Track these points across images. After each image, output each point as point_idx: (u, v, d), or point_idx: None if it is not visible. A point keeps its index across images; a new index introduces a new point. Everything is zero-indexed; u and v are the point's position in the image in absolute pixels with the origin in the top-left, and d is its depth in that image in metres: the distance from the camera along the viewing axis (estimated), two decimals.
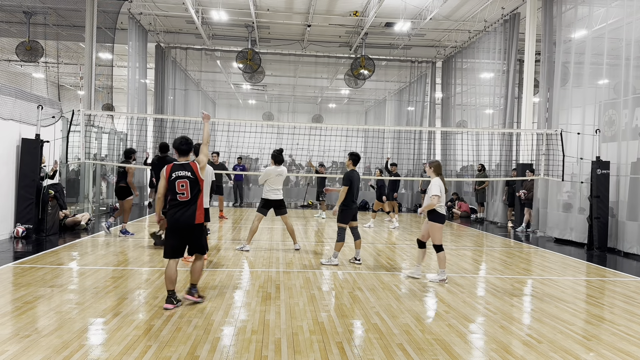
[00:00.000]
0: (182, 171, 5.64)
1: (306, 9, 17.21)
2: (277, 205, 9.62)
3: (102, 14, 15.15)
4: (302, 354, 4.40)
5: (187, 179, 5.62)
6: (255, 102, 31.84)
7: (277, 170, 9.54)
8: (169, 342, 4.56)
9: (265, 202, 9.55)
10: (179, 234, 5.65)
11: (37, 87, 16.05)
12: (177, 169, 5.66)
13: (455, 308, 6.01)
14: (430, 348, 4.64)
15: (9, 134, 10.22)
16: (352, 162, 8.48)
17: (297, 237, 10.15)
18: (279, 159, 9.60)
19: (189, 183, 5.62)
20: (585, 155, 11.98)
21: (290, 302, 6.00)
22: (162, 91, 20.66)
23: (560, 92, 13.03)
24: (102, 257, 8.59)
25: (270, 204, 9.57)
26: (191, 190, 5.62)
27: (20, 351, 4.26)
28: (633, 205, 10.60)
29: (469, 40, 18.62)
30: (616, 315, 5.92)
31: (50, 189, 10.78)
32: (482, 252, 10.70)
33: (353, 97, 30.98)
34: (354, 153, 8.56)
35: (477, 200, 17.40)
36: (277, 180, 9.54)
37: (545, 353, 4.61)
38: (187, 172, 5.64)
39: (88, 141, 11.99)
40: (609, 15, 12.51)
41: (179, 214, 5.61)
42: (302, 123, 21.65)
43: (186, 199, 5.62)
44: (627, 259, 10.09)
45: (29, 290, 6.19)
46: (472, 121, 19.09)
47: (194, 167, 5.68)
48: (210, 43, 20.40)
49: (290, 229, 9.75)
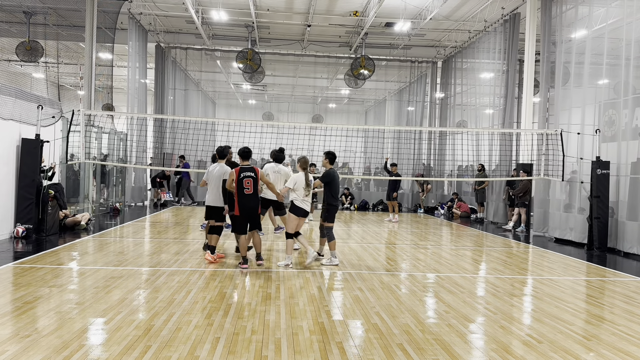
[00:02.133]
0: (247, 172, 7.73)
1: (306, 9, 17.21)
2: (275, 205, 9.59)
3: (102, 14, 15.15)
4: (302, 354, 4.40)
5: (251, 178, 7.72)
6: (255, 102, 31.85)
7: (274, 167, 9.54)
8: (169, 342, 4.56)
9: (262, 201, 9.04)
10: (246, 216, 7.76)
11: (37, 87, 16.04)
12: (244, 170, 7.75)
13: (455, 308, 6.01)
14: (430, 348, 4.64)
15: (9, 134, 10.22)
16: (328, 161, 8.43)
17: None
18: (277, 157, 9.62)
19: (252, 181, 7.72)
20: (585, 155, 11.98)
21: (290, 302, 6.00)
22: (162, 91, 20.67)
23: (560, 92, 13.02)
24: (102, 257, 8.59)
25: (268, 203, 9.50)
26: (254, 187, 7.73)
27: (20, 351, 4.26)
28: (633, 205, 10.60)
29: (469, 40, 18.62)
30: (616, 315, 5.92)
31: (50, 189, 10.77)
32: (482, 252, 10.70)
33: (353, 97, 30.98)
34: (330, 152, 8.53)
35: (477, 200, 17.40)
36: (276, 178, 9.48)
37: (545, 353, 4.61)
38: (251, 173, 7.75)
39: (88, 141, 11.99)
40: (609, 15, 12.51)
41: (246, 202, 7.71)
42: (302, 123, 21.63)
43: (250, 193, 7.72)
44: (627, 259, 10.09)
45: (29, 290, 6.19)
46: (472, 121, 19.10)
47: (256, 170, 7.81)
48: (210, 43, 20.41)
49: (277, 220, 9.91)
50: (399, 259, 9.29)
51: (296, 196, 8.06)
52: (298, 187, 8.04)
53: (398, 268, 8.42)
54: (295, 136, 13.89)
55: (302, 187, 8.03)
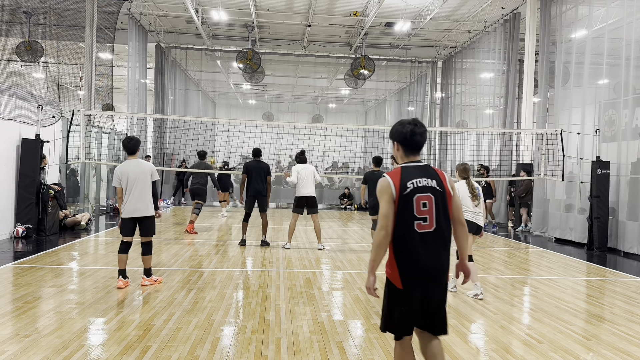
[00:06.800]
0: None
1: (306, 9, 17.21)
2: (309, 203, 9.85)
3: (102, 14, 15.14)
4: (302, 354, 4.40)
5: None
6: (255, 102, 31.83)
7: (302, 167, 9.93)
8: (169, 342, 4.56)
9: (297, 200, 9.86)
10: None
11: (37, 87, 16.06)
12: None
13: (455, 308, 6.01)
14: None
15: (9, 134, 10.22)
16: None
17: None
18: (300, 159, 10.11)
19: None
20: (585, 155, 11.98)
21: (290, 302, 6.00)
22: (162, 91, 20.67)
23: (560, 92, 13.02)
24: (102, 257, 8.59)
25: (302, 201, 9.82)
26: None
27: (20, 351, 4.26)
28: (633, 205, 10.60)
29: (469, 40, 18.61)
30: (616, 315, 5.92)
31: (50, 189, 10.77)
32: (482, 252, 10.69)
33: (353, 97, 30.97)
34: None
35: None
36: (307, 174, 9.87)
37: (545, 353, 4.61)
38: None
39: (88, 141, 11.98)
40: (609, 15, 12.50)
41: None
42: (302, 123, 21.63)
43: None
44: (627, 259, 10.09)
45: (29, 290, 6.19)
46: (472, 121, 19.09)
47: None
48: (210, 43, 20.40)
49: (317, 228, 10.02)
50: None
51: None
52: (462, 196, 6.56)
53: None
54: (295, 136, 13.89)
55: (467, 198, 6.63)
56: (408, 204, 3.15)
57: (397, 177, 3.20)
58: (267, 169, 9.99)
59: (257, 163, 10.00)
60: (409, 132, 3.25)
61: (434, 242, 3.18)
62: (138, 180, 6.33)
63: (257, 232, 11.66)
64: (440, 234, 3.20)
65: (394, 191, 3.17)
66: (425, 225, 3.16)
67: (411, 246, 3.15)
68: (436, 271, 3.20)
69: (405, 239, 3.16)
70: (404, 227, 3.15)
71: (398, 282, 3.20)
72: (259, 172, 9.85)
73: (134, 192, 6.31)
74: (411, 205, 3.15)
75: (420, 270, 3.16)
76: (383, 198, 3.20)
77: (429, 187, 3.20)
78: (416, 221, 3.15)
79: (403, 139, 3.26)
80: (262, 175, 9.87)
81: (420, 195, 3.17)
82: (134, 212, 6.36)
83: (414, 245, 3.14)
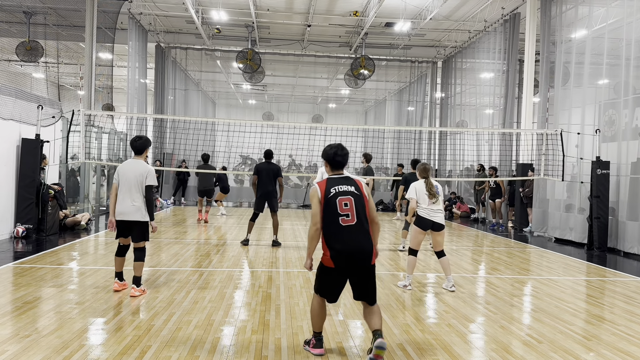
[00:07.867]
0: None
1: (306, 9, 17.21)
2: None
3: (102, 14, 15.14)
4: (302, 354, 4.40)
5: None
6: (255, 102, 31.84)
7: None
8: (169, 342, 4.56)
9: None
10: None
11: (37, 87, 16.06)
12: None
13: (455, 308, 6.01)
14: (430, 348, 4.64)
15: (9, 134, 10.21)
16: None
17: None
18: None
19: None
20: (585, 155, 11.98)
21: (290, 302, 6.00)
22: (162, 91, 20.67)
23: (560, 92, 13.02)
24: (102, 257, 8.59)
25: None
26: None
27: (20, 351, 4.25)
28: (633, 205, 10.60)
29: (469, 40, 18.61)
30: (616, 315, 5.92)
31: (50, 189, 10.77)
32: (482, 252, 10.70)
33: (353, 97, 30.97)
34: (415, 159, 10.62)
35: (476, 200, 17.39)
36: None
37: (545, 353, 4.61)
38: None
39: (88, 141, 11.98)
40: (609, 15, 12.51)
41: None
42: (302, 123, 21.63)
43: None
44: (627, 259, 10.09)
45: (29, 290, 6.19)
46: (472, 121, 19.08)
47: None
48: (210, 43, 20.40)
49: None
50: (399, 259, 9.28)
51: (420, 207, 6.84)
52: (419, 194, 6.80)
53: (398, 268, 8.42)
54: (295, 136, 13.90)
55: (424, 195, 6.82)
56: (332, 204, 4.22)
57: (324, 185, 4.31)
58: (277, 170, 10.15)
59: (268, 165, 10.16)
60: (332, 154, 4.40)
61: (356, 232, 4.20)
62: (130, 181, 6.02)
63: (257, 232, 11.67)
64: (360, 226, 4.23)
65: (320, 195, 4.26)
66: (348, 220, 4.21)
67: (338, 236, 4.19)
68: (359, 254, 4.19)
69: (332, 230, 4.21)
70: (332, 221, 4.21)
71: (330, 263, 4.21)
72: (269, 174, 10.00)
73: (124, 193, 6.03)
74: (335, 205, 4.22)
75: (346, 252, 4.17)
76: (313, 201, 4.28)
77: (349, 192, 4.28)
78: (340, 217, 4.21)
79: (329, 159, 4.42)
80: (272, 177, 10.01)
81: (342, 198, 4.24)
82: (120, 214, 6.06)
83: (340, 235, 4.19)
